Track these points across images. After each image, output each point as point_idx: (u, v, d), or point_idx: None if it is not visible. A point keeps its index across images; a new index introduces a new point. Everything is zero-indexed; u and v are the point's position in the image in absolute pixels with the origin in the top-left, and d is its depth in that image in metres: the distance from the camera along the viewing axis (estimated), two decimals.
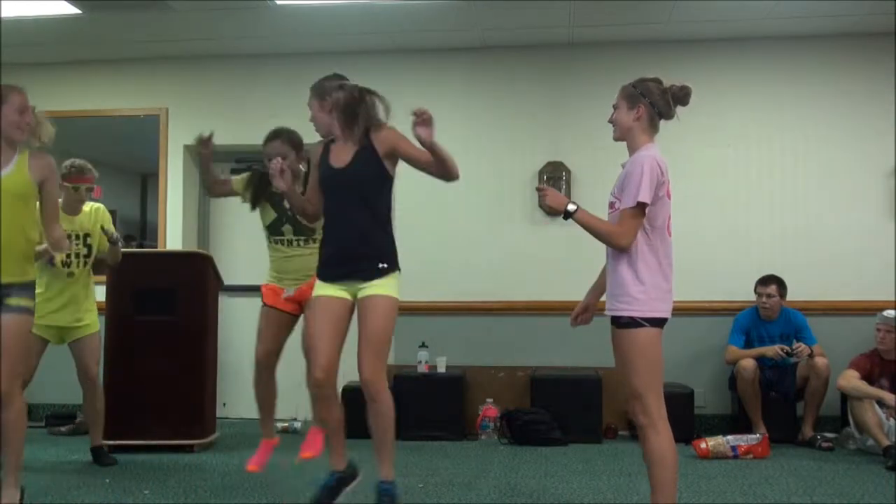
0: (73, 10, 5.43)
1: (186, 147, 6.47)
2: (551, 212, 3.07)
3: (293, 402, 6.17)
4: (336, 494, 3.48)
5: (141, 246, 6.40)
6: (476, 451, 5.17)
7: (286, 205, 3.91)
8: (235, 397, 6.20)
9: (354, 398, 5.63)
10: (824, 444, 5.16)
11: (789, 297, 5.51)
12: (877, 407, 4.93)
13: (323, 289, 3.36)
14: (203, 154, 4.07)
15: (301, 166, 4.01)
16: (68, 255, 4.46)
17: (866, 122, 5.89)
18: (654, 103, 3.01)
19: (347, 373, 6.06)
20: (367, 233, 3.31)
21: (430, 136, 3.09)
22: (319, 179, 3.45)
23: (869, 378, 5.08)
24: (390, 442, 3.42)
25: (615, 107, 3.10)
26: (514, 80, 6.22)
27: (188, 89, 6.46)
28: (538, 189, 3.05)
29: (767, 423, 5.26)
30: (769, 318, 5.48)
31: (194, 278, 5.15)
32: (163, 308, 5.03)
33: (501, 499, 3.91)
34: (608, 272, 3.06)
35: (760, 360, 5.33)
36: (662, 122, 3.12)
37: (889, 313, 5.14)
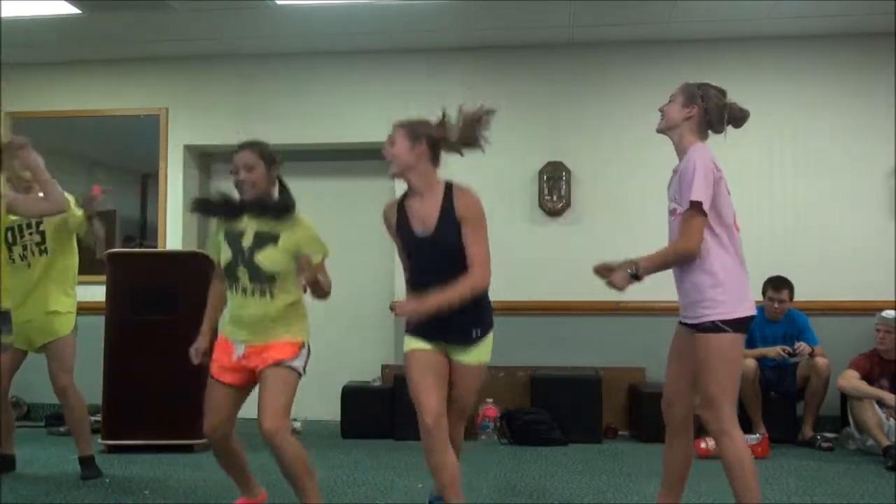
0: (73, 10, 5.43)
1: (186, 147, 6.47)
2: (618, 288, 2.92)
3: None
4: None
5: (141, 246, 6.40)
6: (476, 451, 5.16)
7: (244, 243, 3.22)
8: None
9: (354, 398, 5.67)
10: (824, 444, 5.16)
11: None
12: (877, 407, 4.94)
13: (414, 342, 3.13)
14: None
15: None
16: (24, 247, 4.23)
17: (866, 122, 5.89)
18: (709, 110, 2.95)
19: (344, 373, 6.09)
20: (459, 306, 3.02)
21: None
22: (403, 244, 3.17)
23: (869, 378, 5.08)
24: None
25: (671, 98, 3.03)
26: (514, 80, 6.21)
27: (188, 89, 6.46)
28: (597, 272, 2.91)
29: (767, 423, 5.26)
30: (775, 319, 5.47)
31: (194, 278, 5.12)
32: (163, 308, 5.03)
33: (501, 499, 3.91)
34: (680, 276, 2.96)
35: (761, 360, 5.33)
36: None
37: (889, 313, 5.14)
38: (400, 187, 3.35)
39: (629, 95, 6.06)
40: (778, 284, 5.44)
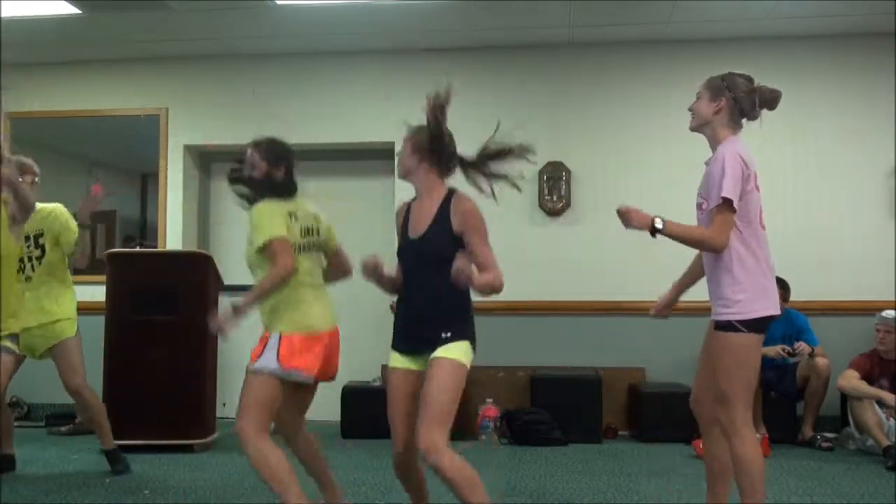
0: (73, 10, 5.43)
1: (186, 147, 6.47)
2: (631, 228, 2.83)
3: None
4: None
5: (141, 246, 6.40)
6: (476, 451, 5.16)
7: None
8: (235, 397, 6.17)
9: (354, 398, 5.67)
10: (824, 444, 5.16)
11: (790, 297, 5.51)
12: (877, 407, 4.94)
13: (394, 359, 3.16)
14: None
15: None
16: (21, 260, 4.19)
17: (866, 121, 5.89)
18: (738, 99, 2.92)
19: (344, 373, 6.08)
20: (433, 307, 3.04)
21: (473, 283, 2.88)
22: (399, 245, 3.20)
23: (869, 378, 5.09)
24: (479, 494, 3.00)
25: (697, 95, 3.00)
26: (514, 80, 6.21)
27: (188, 89, 6.46)
28: (619, 212, 2.84)
29: (767, 423, 5.25)
30: None
31: (194, 278, 5.15)
32: (163, 308, 5.03)
33: (501, 499, 3.91)
34: (707, 273, 2.97)
35: (761, 360, 5.32)
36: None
37: (889, 313, 5.14)
38: (403, 191, 3.36)
39: (629, 95, 6.06)
40: None
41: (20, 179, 4.01)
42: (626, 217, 2.86)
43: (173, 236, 6.40)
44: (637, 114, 6.02)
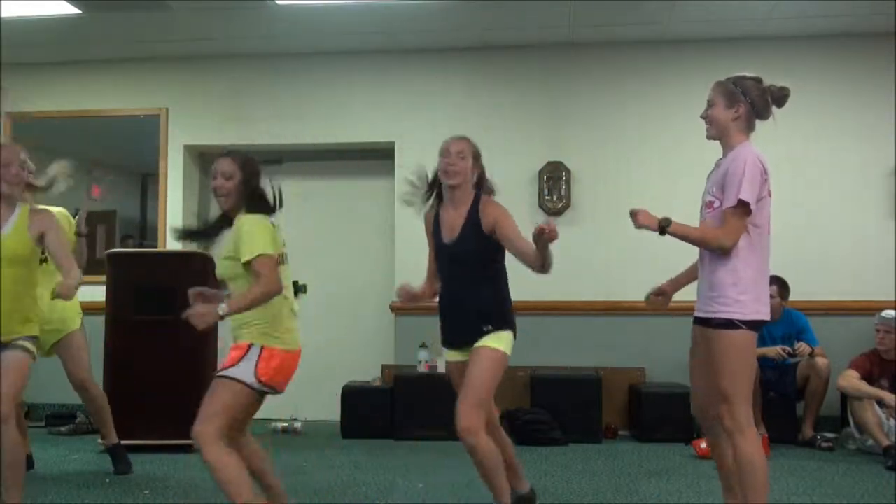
0: (73, 10, 5.43)
1: (186, 147, 6.47)
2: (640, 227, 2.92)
3: (292, 402, 6.19)
4: None
5: (141, 246, 6.40)
6: None
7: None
8: None
9: (354, 398, 5.67)
10: (824, 444, 5.16)
11: (790, 297, 5.50)
12: (877, 407, 4.94)
13: (447, 354, 3.47)
14: None
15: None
16: None
17: (866, 122, 5.89)
18: (754, 102, 2.94)
19: (344, 373, 6.09)
20: (473, 304, 3.31)
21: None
22: (434, 251, 3.48)
23: (869, 378, 5.09)
24: (500, 479, 3.30)
25: (710, 103, 3.00)
26: (514, 80, 6.21)
27: (188, 89, 6.46)
28: (631, 212, 2.95)
29: (767, 423, 5.25)
30: (771, 318, 5.47)
31: (194, 278, 5.11)
32: (163, 308, 5.01)
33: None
34: (703, 272, 2.98)
35: (761, 360, 5.32)
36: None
37: (888, 313, 5.14)
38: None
39: (629, 95, 6.06)
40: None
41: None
42: (636, 217, 2.93)
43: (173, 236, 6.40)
44: (637, 114, 6.01)
